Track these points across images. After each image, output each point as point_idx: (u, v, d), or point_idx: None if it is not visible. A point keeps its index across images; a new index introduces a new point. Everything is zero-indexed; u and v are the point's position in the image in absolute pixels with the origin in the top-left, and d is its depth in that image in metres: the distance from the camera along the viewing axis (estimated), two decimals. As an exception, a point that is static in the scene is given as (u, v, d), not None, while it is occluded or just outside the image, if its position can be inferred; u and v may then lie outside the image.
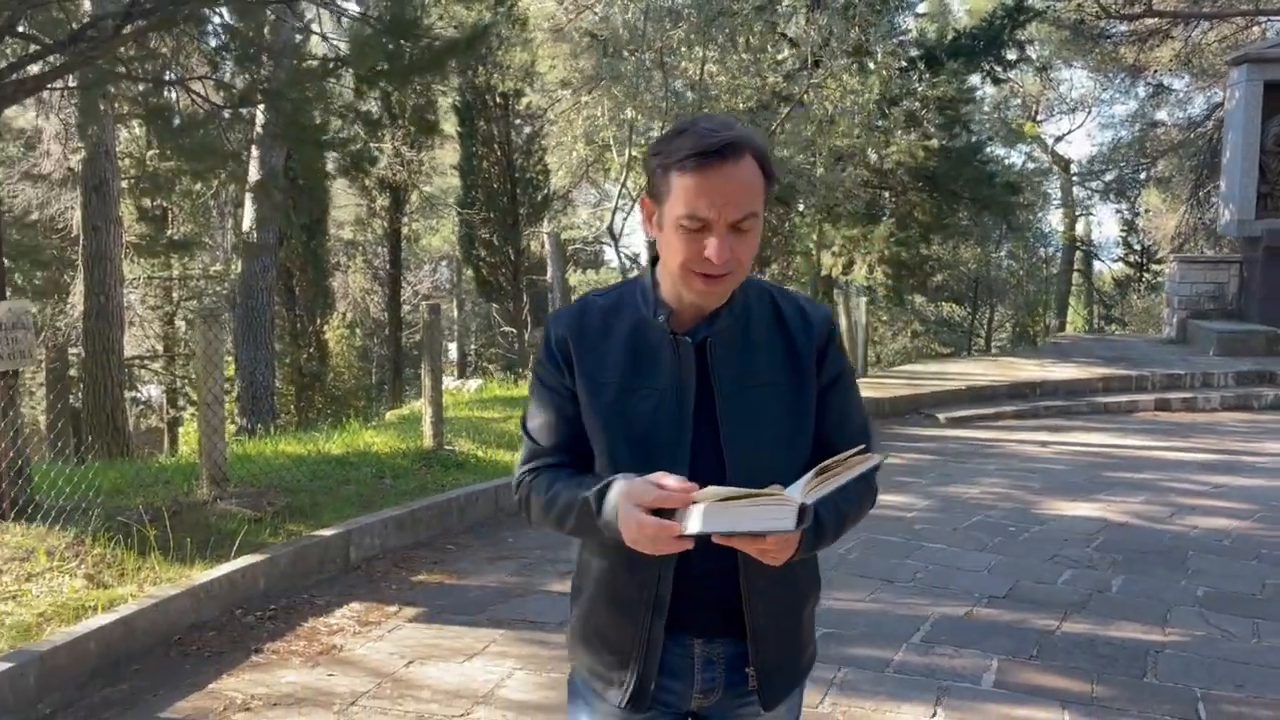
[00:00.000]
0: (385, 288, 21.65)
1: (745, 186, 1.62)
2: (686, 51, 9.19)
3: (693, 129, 1.65)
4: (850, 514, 1.76)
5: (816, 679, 4.05)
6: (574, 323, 1.78)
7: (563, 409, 1.79)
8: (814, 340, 1.77)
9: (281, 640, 4.46)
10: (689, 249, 1.62)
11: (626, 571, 1.74)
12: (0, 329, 5.18)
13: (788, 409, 1.74)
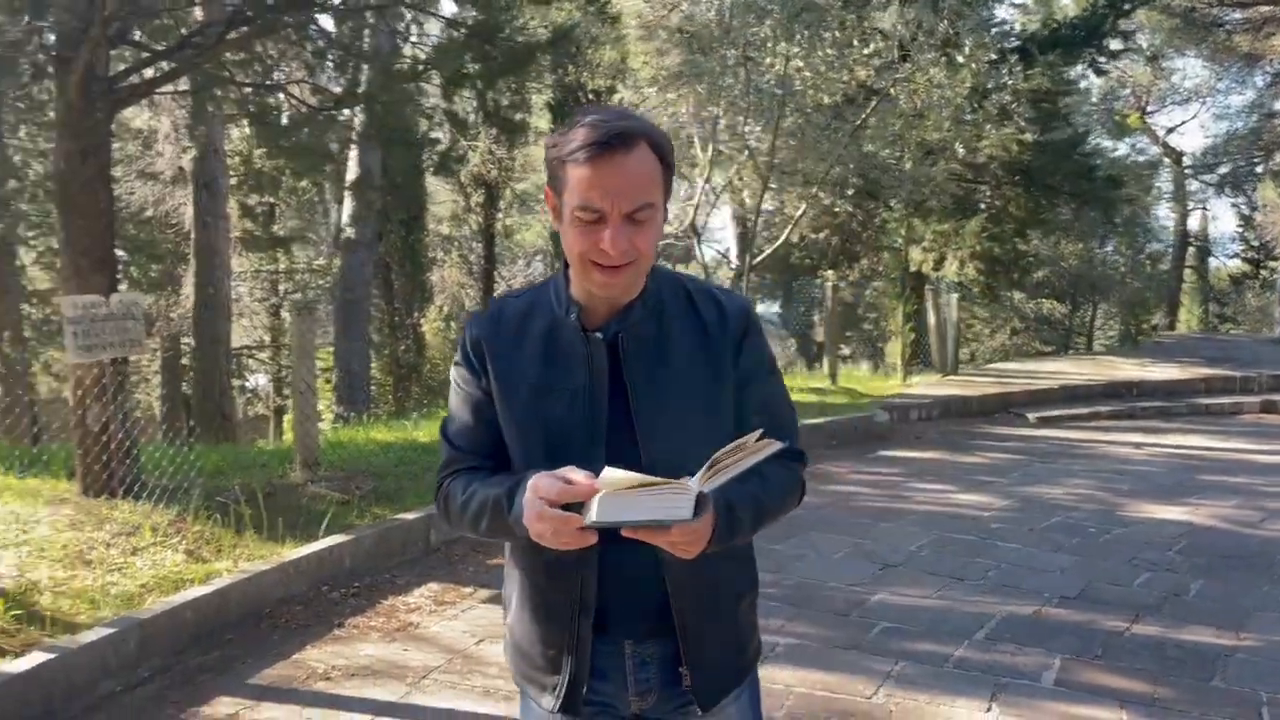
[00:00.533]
0: (479, 282, 22.10)
1: (639, 176, 1.59)
2: (770, 47, 9.21)
3: (585, 120, 1.61)
4: (771, 507, 1.72)
5: (872, 670, 4.11)
6: (489, 325, 1.76)
7: (480, 411, 1.76)
8: (730, 332, 1.73)
9: (362, 616, 4.71)
10: (585, 241, 1.60)
11: (547, 576, 1.72)
12: (112, 319, 5.54)
13: (704, 403, 1.71)
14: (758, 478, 1.66)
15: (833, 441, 9.24)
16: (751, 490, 1.66)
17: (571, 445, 1.67)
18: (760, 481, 1.68)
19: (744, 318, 1.75)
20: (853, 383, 11.79)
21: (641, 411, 1.67)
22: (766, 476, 1.70)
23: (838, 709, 3.78)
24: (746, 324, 1.75)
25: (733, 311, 1.75)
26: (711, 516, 1.56)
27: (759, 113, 9.69)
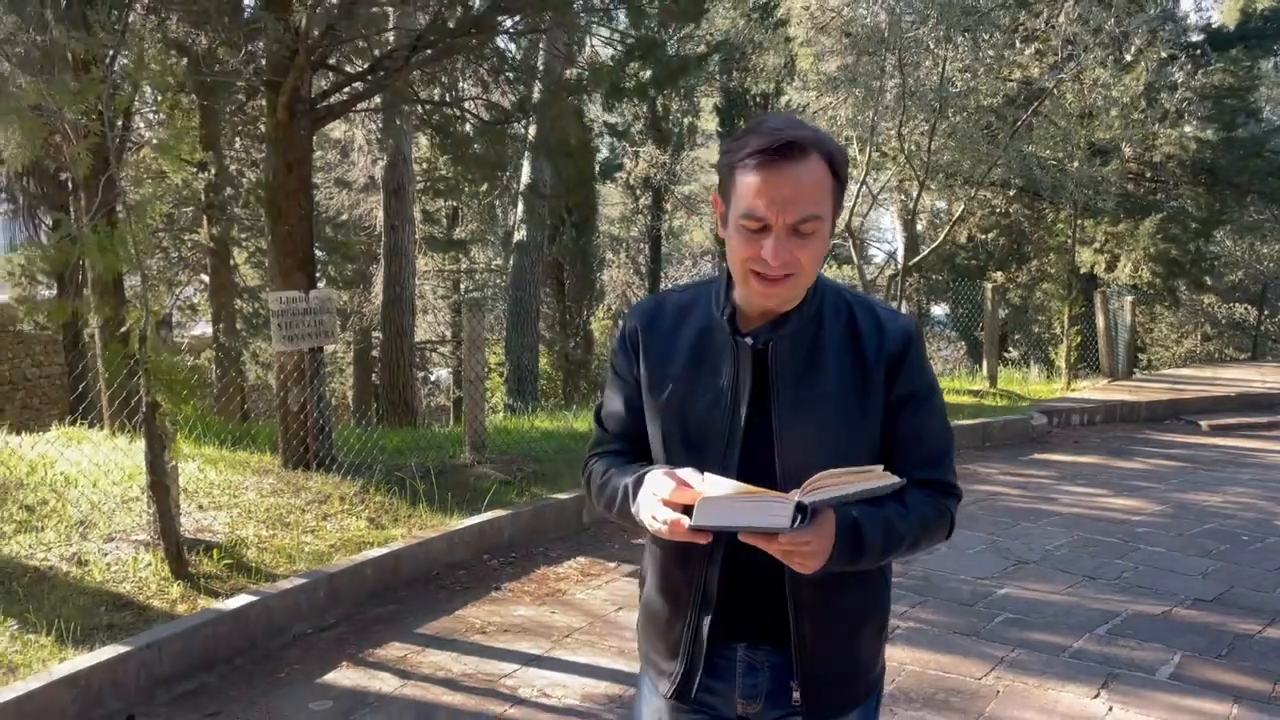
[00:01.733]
0: (646, 282, 22.71)
1: (808, 187, 1.57)
2: (931, 49, 9.29)
3: (759, 127, 1.60)
4: (905, 535, 1.67)
5: (987, 655, 4.29)
6: (647, 315, 1.79)
7: (630, 399, 1.80)
8: (886, 353, 1.69)
9: (516, 582, 5.21)
10: (748, 249, 1.60)
11: (677, 564, 1.74)
12: (310, 313, 6.27)
13: (847, 421, 1.68)
14: (897, 505, 1.66)
15: (986, 443, 9.23)
16: (885, 515, 1.63)
17: (708, 445, 1.68)
18: (898, 508, 1.66)
19: (904, 340, 1.70)
20: (1013, 385, 11.63)
21: (782, 420, 1.67)
22: (908, 505, 1.67)
23: (946, 686, 4.00)
24: (906, 346, 1.70)
25: (893, 332, 1.70)
26: (830, 532, 1.56)
27: (916, 116, 9.75)
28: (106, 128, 4.51)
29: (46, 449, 6.07)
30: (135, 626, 4.09)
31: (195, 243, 12.71)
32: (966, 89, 9.38)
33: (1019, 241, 15.56)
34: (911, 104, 9.54)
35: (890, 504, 1.64)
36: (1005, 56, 9.16)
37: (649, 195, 21.61)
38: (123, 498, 5.36)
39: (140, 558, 4.69)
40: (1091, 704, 3.85)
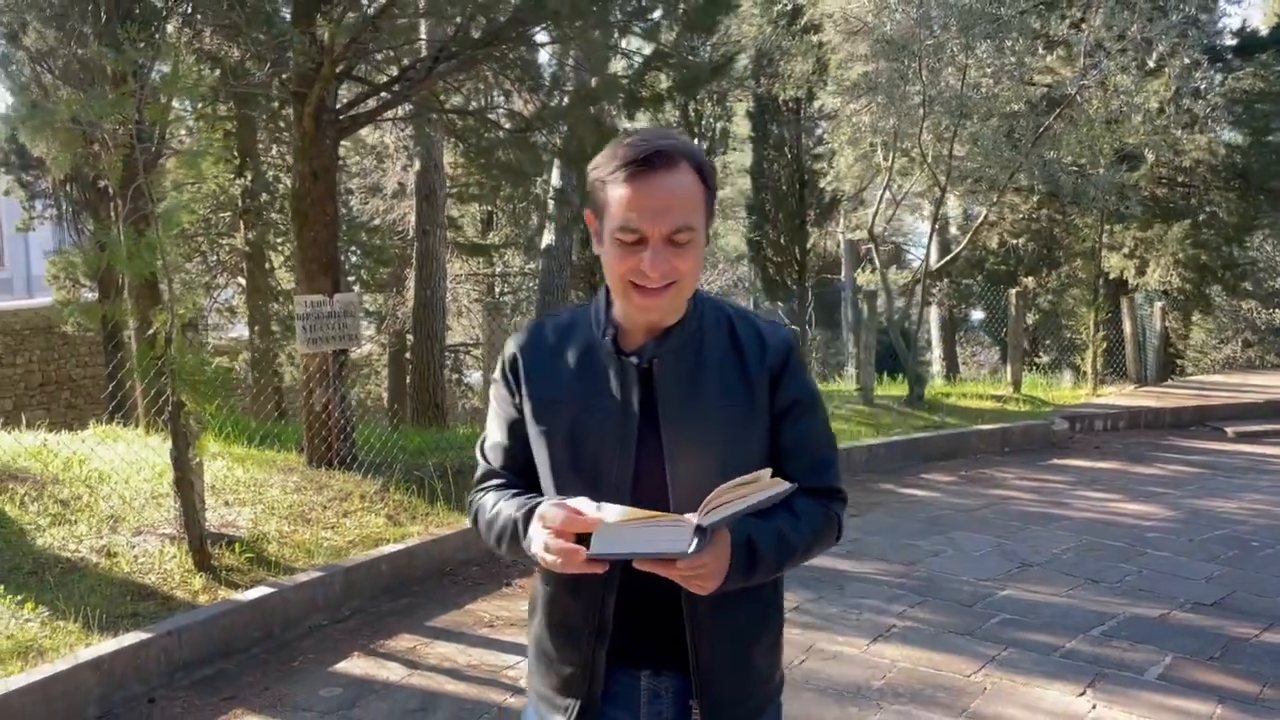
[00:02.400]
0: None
1: (680, 197, 1.58)
2: (950, 56, 9.35)
3: (627, 141, 1.61)
4: (798, 545, 1.67)
5: (979, 654, 4.38)
6: (526, 342, 1.76)
7: (514, 428, 1.76)
8: (768, 365, 1.70)
9: (528, 578, 5.37)
10: (625, 263, 1.59)
11: (569, 596, 1.71)
12: (334, 316, 6.49)
13: (735, 435, 1.68)
14: (787, 514, 1.66)
15: (1005, 449, 9.26)
16: (777, 526, 1.63)
17: (601, 469, 1.66)
18: (788, 518, 1.66)
19: (785, 351, 1.72)
20: (1037, 391, 11.62)
21: (671, 436, 1.65)
22: (797, 513, 1.68)
23: (934, 683, 4.10)
24: (787, 357, 1.72)
25: (774, 344, 1.72)
26: (725, 552, 1.55)
27: (941, 121, 9.81)
28: (135, 139, 4.74)
29: (81, 446, 6.32)
30: (158, 615, 4.30)
31: (232, 247, 13.05)
32: (989, 95, 9.42)
33: (1049, 247, 15.51)
34: (934, 110, 9.60)
35: (781, 514, 1.64)
36: (1026, 63, 9.18)
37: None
38: (152, 494, 5.59)
39: (166, 550, 4.91)
40: (1075, 701, 3.94)
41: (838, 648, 4.46)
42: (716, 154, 22.41)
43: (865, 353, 10.29)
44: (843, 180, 12.21)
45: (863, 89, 9.54)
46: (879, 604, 5.04)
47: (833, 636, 4.59)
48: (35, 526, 5.01)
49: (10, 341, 14.22)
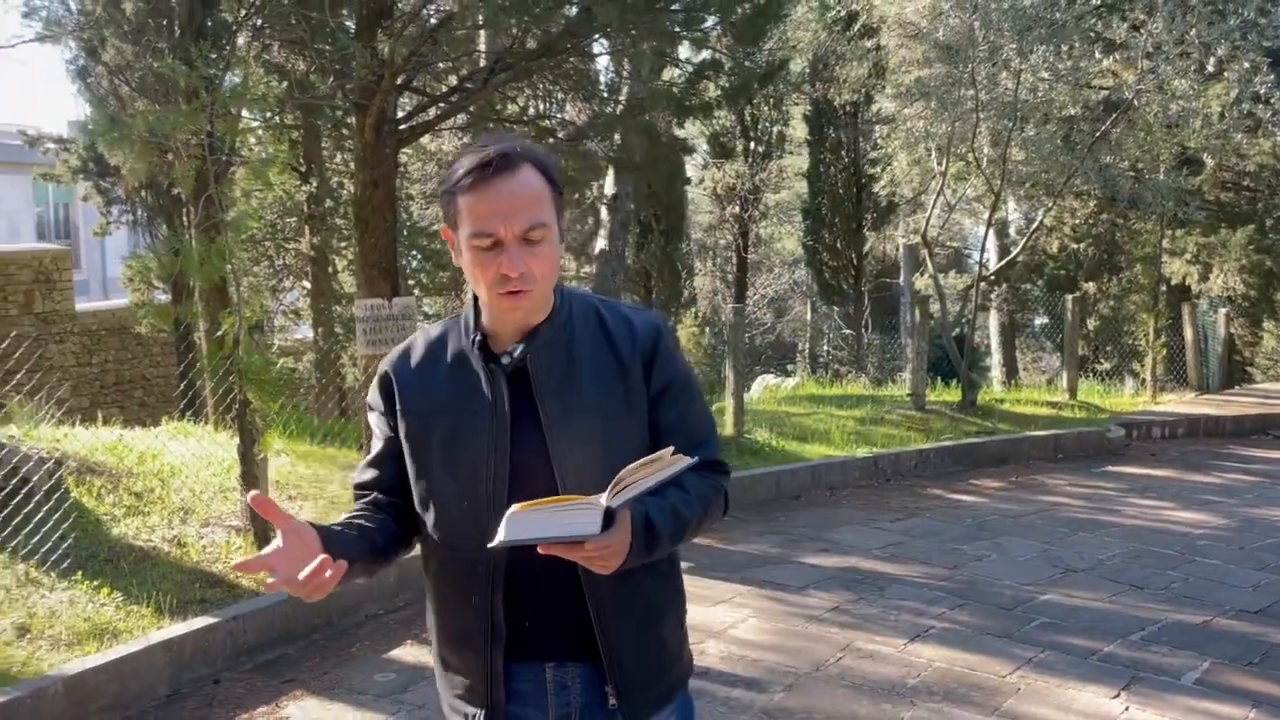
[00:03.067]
0: (733, 289, 22.93)
1: (527, 197, 1.62)
2: (1004, 61, 9.35)
3: (468, 151, 1.67)
4: (691, 519, 1.70)
5: (1015, 656, 4.44)
6: (398, 361, 1.79)
7: (389, 446, 1.78)
8: (639, 349, 1.74)
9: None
10: (485, 268, 1.63)
11: (457, 600, 1.72)
12: (393, 318, 6.72)
13: (615, 419, 1.71)
14: (678, 490, 1.68)
15: (1059, 455, 9.21)
16: (671, 503, 1.66)
17: (476, 471, 1.69)
18: (680, 494, 1.69)
19: (654, 335, 1.76)
20: (1094, 397, 11.51)
21: (553, 430, 1.68)
22: (687, 489, 1.71)
23: (969, 682, 4.17)
24: (657, 341, 1.76)
25: (643, 330, 1.76)
26: (627, 530, 1.56)
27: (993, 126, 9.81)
28: (207, 150, 5.00)
29: (154, 442, 6.64)
30: (225, 601, 4.55)
31: (298, 251, 13.44)
32: (1044, 99, 9.39)
33: (1110, 252, 15.32)
34: (989, 114, 9.60)
35: (672, 491, 1.66)
36: (1083, 67, 9.14)
37: (736, 203, 21.83)
38: (220, 487, 5.86)
39: (232, 541, 5.16)
40: (1109, 703, 3.99)
41: (874, 646, 4.55)
42: (773, 158, 22.49)
43: (917, 358, 10.30)
44: (897, 185, 12.21)
45: (917, 94, 9.56)
46: (919, 605, 5.11)
47: (870, 636, 4.68)
48: (111, 517, 5.30)
49: (87, 341, 14.79)
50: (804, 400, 10.89)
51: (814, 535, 6.43)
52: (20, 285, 14.21)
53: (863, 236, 21.19)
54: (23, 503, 4.81)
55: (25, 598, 4.34)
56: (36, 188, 24.37)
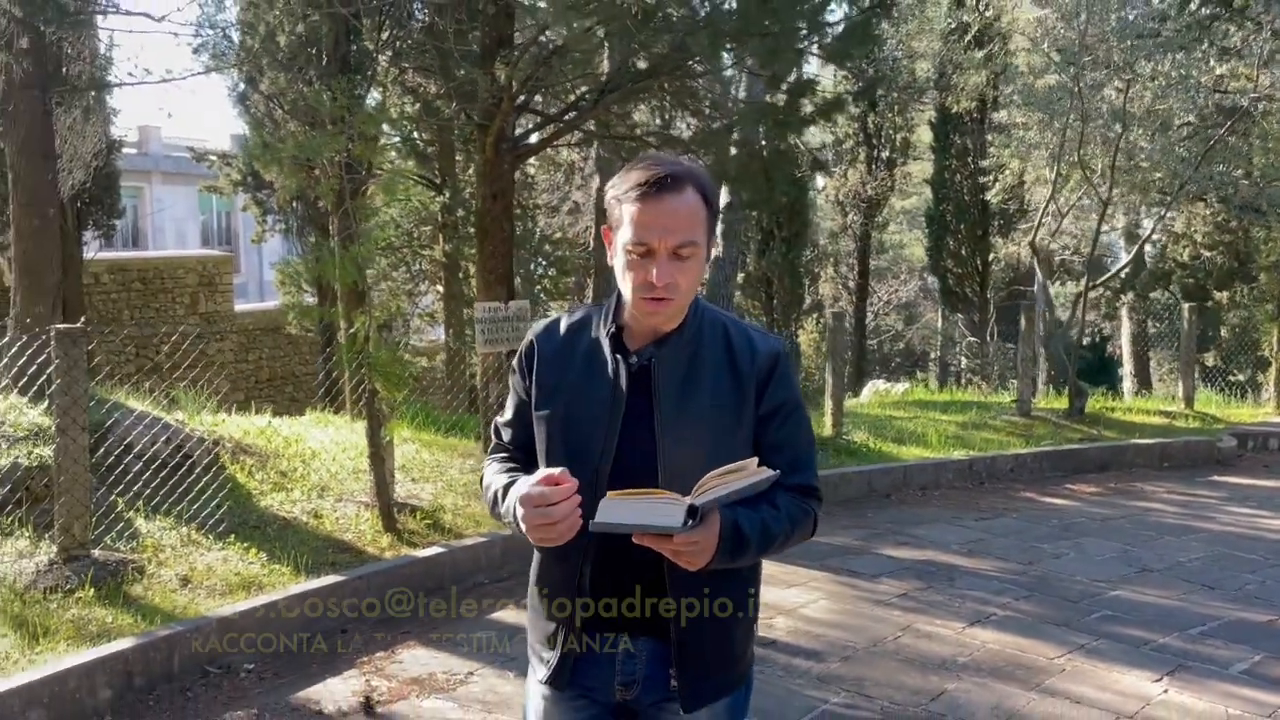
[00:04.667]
0: (855, 296, 23.00)
1: (685, 216, 1.78)
2: (1114, 70, 9.39)
3: (639, 165, 1.83)
4: (778, 534, 1.83)
5: (1068, 642, 4.70)
6: (542, 334, 1.97)
7: (520, 410, 1.98)
8: (758, 369, 1.88)
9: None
10: (635, 273, 1.79)
11: (555, 560, 1.90)
12: (508, 320, 7.34)
13: (724, 430, 1.85)
14: (769, 506, 1.83)
15: (1164, 464, 9.17)
16: (761, 516, 1.80)
17: (589, 450, 1.85)
18: (771, 510, 1.82)
19: (773, 359, 1.90)
20: (1211, 408, 11.31)
21: (664, 430, 1.84)
22: (779, 507, 1.84)
23: (1017, 662, 4.46)
24: (774, 364, 1.90)
25: (764, 351, 1.90)
26: (715, 532, 1.71)
27: (1104, 134, 9.84)
28: (345, 170, 5.69)
29: (299, 429, 7.43)
30: (352, 564, 5.21)
31: (432, 258, 14.35)
32: (1155, 109, 9.39)
33: (1243, 260, 14.88)
34: (1100, 122, 9.65)
35: (764, 507, 1.82)
36: (1193, 76, 9.10)
37: (859, 210, 21.92)
38: (353, 469, 6.57)
39: (361, 515, 5.84)
40: (1148, 686, 4.22)
41: (933, 629, 4.87)
42: (896, 165, 22.48)
43: (1023, 365, 10.38)
44: (1010, 193, 12.26)
45: (1026, 103, 9.68)
46: (985, 595, 5.39)
47: (931, 619, 5.00)
48: (259, 491, 6.06)
49: (244, 340, 16.12)
50: (910, 405, 11.08)
51: (897, 530, 6.73)
52: (187, 287, 15.64)
53: (988, 243, 20.97)
54: (186, 475, 5.60)
55: (187, 554, 5.09)
56: (201, 198, 26.36)
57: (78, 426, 4.66)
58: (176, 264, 15.92)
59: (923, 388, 13.52)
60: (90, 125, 8.64)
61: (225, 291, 16.18)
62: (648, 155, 1.93)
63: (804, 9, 6.56)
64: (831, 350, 8.93)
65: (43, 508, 5.01)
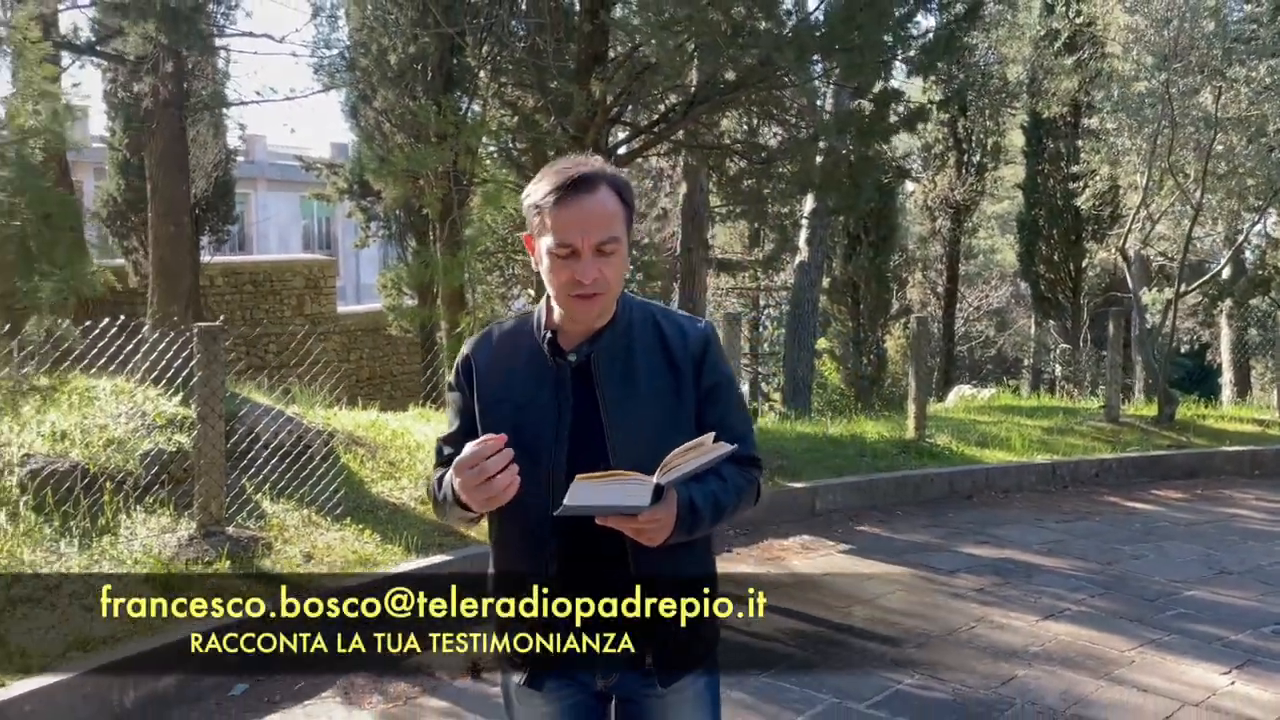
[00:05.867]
0: (943, 302, 22.88)
1: (603, 214, 1.85)
2: (1206, 77, 9.36)
3: (551, 171, 1.89)
4: (727, 505, 1.93)
5: (1140, 636, 4.85)
6: (478, 347, 2.01)
7: (464, 423, 1.99)
8: (690, 353, 1.96)
9: (744, 549, 6.30)
10: (562, 274, 1.85)
11: (519, 556, 1.95)
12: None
13: (668, 415, 1.93)
14: (717, 479, 1.92)
15: (1254, 471, 9.09)
16: (711, 490, 1.90)
17: (541, 450, 1.90)
18: (719, 483, 1.92)
19: (704, 341, 1.99)
20: (1309, 416, 11.10)
21: (612, 422, 1.91)
22: (725, 479, 1.94)
23: (1085, 653, 4.63)
24: (706, 345, 1.99)
25: (694, 335, 1.99)
26: (674, 508, 1.81)
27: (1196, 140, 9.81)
28: (451, 181, 6.13)
29: (404, 423, 7.91)
30: (457, 546, 5.61)
31: (524, 262, 14.85)
32: (1247, 115, 9.34)
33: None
34: (1189, 128, 9.63)
35: (712, 479, 1.91)
36: None
37: (948, 215, 21.83)
38: (454, 460, 7.01)
39: (463, 502, 6.26)
40: (1215, 678, 4.36)
41: (1008, 621, 5.06)
42: (987, 169, 22.31)
43: (1111, 371, 10.38)
44: (1100, 198, 12.21)
45: (1121, 109, 9.71)
46: (1061, 591, 5.55)
47: (1006, 612, 5.19)
48: (371, 479, 6.52)
49: (345, 341, 16.87)
50: (995, 410, 11.13)
51: (977, 530, 6.89)
52: (293, 290, 16.45)
53: (1082, 248, 20.69)
54: (306, 463, 6.08)
55: (308, 534, 5.56)
56: (303, 203, 27.50)
57: (215, 415, 5.16)
58: (284, 268, 16.75)
59: (1010, 393, 13.52)
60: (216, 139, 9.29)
61: (329, 294, 16.96)
62: (559, 160, 1.95)
63: (890, 23, 6.78)
64: (915, 355, 9.09)
65: (182, 489, 5.54)
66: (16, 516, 5.00)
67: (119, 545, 5.03)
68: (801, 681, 4.28)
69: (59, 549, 4.92)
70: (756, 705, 4.07)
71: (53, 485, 5.19)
